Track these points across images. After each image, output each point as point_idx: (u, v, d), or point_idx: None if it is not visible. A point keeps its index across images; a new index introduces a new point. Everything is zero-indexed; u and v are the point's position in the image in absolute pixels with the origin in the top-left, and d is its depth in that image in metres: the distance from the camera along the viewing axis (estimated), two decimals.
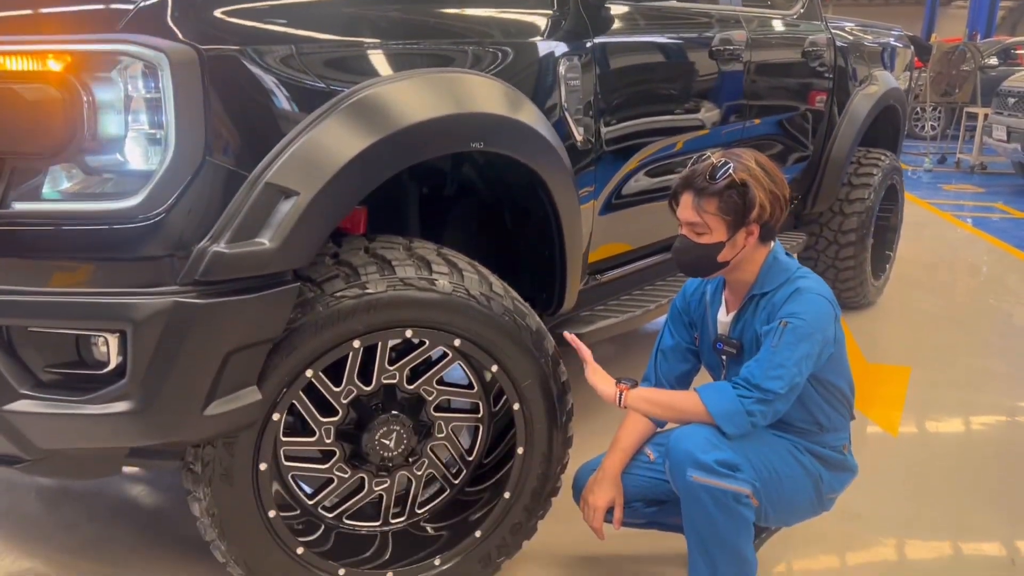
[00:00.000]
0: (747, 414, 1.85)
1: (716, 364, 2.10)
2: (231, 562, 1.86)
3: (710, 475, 1.81)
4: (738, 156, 1.93)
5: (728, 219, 1.89)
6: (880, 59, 4.52)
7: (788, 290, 1.94)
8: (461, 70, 1.97)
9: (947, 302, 4.87)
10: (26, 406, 1.54)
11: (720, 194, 1.88)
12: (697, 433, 1.86)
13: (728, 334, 2.04)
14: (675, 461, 1.86)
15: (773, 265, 2.00)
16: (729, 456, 1.83)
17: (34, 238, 1.53)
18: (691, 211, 1.92)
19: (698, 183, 1.90)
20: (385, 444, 1.95)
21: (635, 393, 1.96)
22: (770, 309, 1.94)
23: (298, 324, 1.72)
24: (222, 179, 1.55)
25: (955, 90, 10.25)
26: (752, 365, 1.87)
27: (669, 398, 2.00)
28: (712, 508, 1.83)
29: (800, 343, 1.85)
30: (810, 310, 1.89)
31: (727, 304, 2.06)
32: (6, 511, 2.46)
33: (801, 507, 2.01)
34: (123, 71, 1.50)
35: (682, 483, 1.85)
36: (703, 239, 1.92)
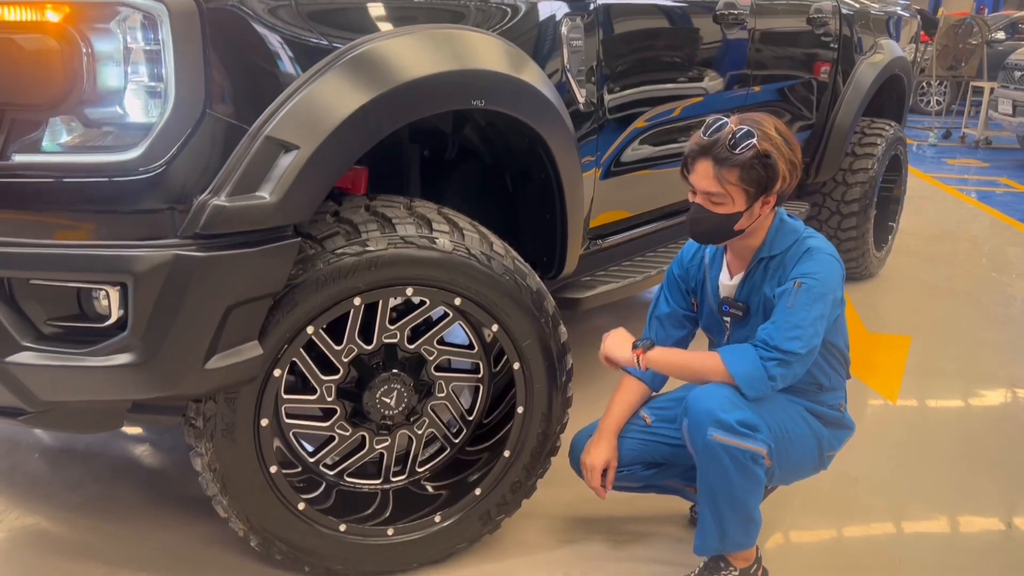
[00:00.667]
0: (768, 378, 1.84)
1: (718, 327, 2.10)
2: (233, 517, 1.87)
3: (731, 434, 1.81)
4: (758, 123, 1.86)
5: (751, 190, 1.85)
6: (886, 28, 4.48)
7: (799, 250, 1.93)
8: (462, 26, 1.96)
9: (949, 274, 4.86)
10: (28, 358, 1.55)
11: (743, 164, 1.82)
12: (718, 392, 1.84)
13: (734, 297, 2.03)
14: (695, 419, 1.84)
15: (781, 227, 1.98)
16: (749, 416, 1.83)
17: (34, 190, 1.53)
18: (712, 181, 1.85)
19: (719, 152, 1.83)
20: (386, 403, 1.96)
21: (653, 354, 1.94)
22: (781, 270, 1.93)
23: (299, 280, 1.72)
24: (222, 132, 1.55)
25: (961, 64, 10.17)
26: (769, 327, 1.86)
27: (689, 359, 1.99)
28: (729, 467, 1.83)
29: (814, 303, 1.84)
30: (822, 270, 1.88)
31: (729, 267, 2.05)
32: (10, 470, 2.48)
33: (804, 467, 2.03)
34: (122, 22, 1.49)
35: (701, 441, 1.83)
36: (721, 209, 1.87)
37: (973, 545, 2.29)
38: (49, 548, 2.12)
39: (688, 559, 2.12)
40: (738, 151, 1.82)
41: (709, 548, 1.94)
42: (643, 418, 2.10)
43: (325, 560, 1.96)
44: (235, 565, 2.05)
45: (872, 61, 4.20)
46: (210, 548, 2.11)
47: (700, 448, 1.85)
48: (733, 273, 2.04)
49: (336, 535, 1.95)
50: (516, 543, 2.18)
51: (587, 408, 2.46)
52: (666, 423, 2.07)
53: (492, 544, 2.15)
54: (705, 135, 1.87)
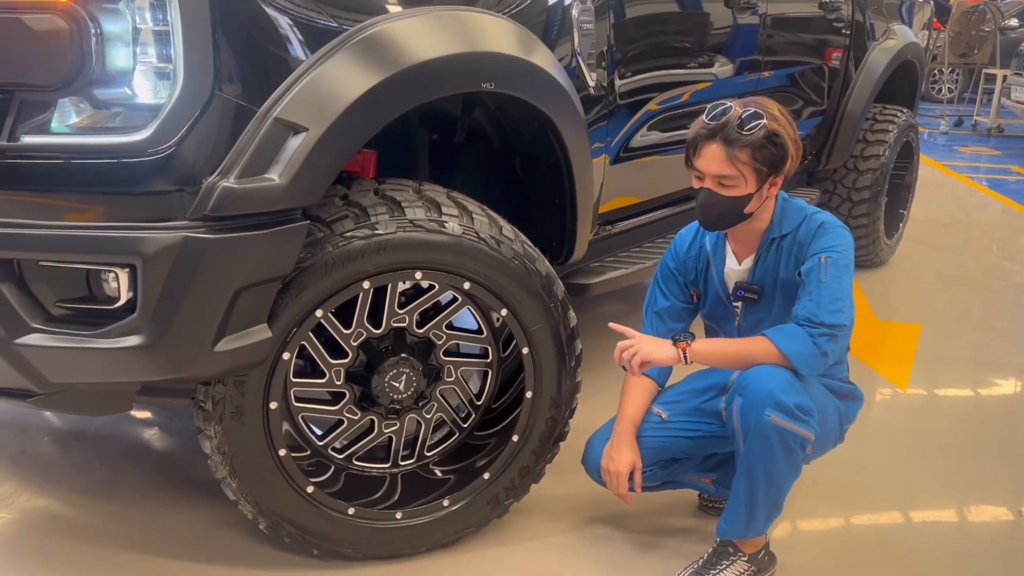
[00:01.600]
0: (822, 354, 1.84)
1: (725, 314, 2.08)
2: (242, 500, 1.88)
3: (788, 417, 1.79)
4: (762, 105, 1.88)
5: (763, 170, 1.85)
6: (898, 14, 4.44)
7: (811, 226, 1.93)
8: (473, 8, 1.94)
9: (960, 262, 4.83)
10: (38, 340, 1.55)
11: (755, 144, 1.82)
12: (778, 374, 1.83)
13: (747, 281, 2.01)
14: (754, 399, 1.81)
15: (786, 206, 1.98)
16: (806, 401, 1.82)
17: (44, 172, 1.53)
18: (723, 163, 1.84)
19: (729, 134, 1.83)
20: (394, 387, 1.95)
21: (698, 346, 1.90)
22: (796, 249, 1.93)
23: (308, 264, 1.72)
24: (231, 114, 1.54)
25: (974, 51, 10.07)
26: (808, 305, 1.85)
27: (737, 347, 1.94)
28: (778, 450, 1.82)
29: (843, 274, 1.87)
30: (842, 242, 1.90)
31: (735, 254, 2.03)
32: (20, 452, 2.49)
33: (828, 443, 2.03)
34: (131, 2, 1.48)
35: (756, 421, 1.81)
36: (732, 191, 1.87)
37: (982, 533, 2.29)
38: (59, 530, 2.13)
39: (695, 544, 2.12)
40: (748, 131, 1.82)
41: (734, 532, 1.94)
42: (657, 414, 2.07)
43: (334, 543, 1.97)
44: (244, 548, 2.06)
45: (884, 47, 4.17)
46: (219, 531, 2.12)
47: (753, 428, 1.82)
48: (741, 258, 2.03)
49: (345, 518, 1.95)
50: (524, 528, 2.18)
51: (596, 394, 2.47)
52: (682, 416, 2.05)
53: (501, 528, 2.15)
54: (710, 119, 1.86)
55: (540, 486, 2.16)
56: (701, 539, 2.15)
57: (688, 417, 2.05)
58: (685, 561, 2.03)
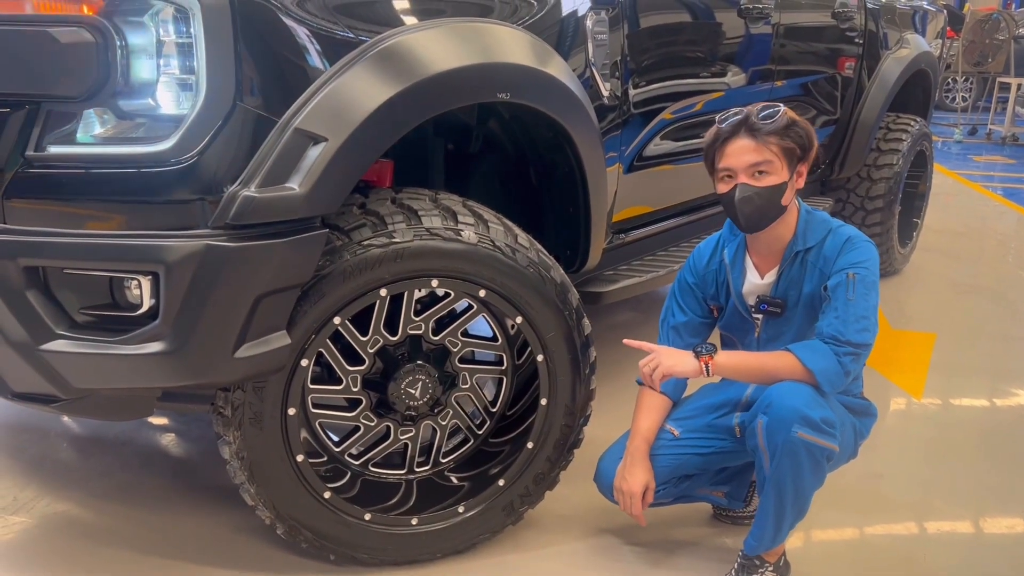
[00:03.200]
0: (844, 372, 1.84)
1: (744, 326, 2.08)
2: (260, 505, 1.90)
3: (815, 432, 1.79)
4: (772, 105, 1.91)
5: (795, 151, 1.88)
6: (912, 23, 4.44)
7: (837, 240, 1.93)
8: (489, 20, 1.97)
9: (974, 271, 4.81)
10: (62, 346, 1.58)
11: (781, 131, 1.86)
12: (802, 390, 1.82)
13: (770, 295, 2.01)
14: (780, 416, 1.81)
15: (810, 218, 1.98)
16: (830, 414, 1.83)
17: (69, 181, 1.56)
18: (753, 152, 1.87)
19: (753, 124, 1.87)
20: (410, 393, 1.97)
21: (722, 361, 1.90)
22: (822, 263, 1.93)
23: (326, 271, 1.74)
24: (252, 124, 1.57)
25: (988, 60, 10.04)
26: (834, 322, 1.85)
27: (760, 361, 1.92)
28: (805, 464, 1.82)
29: (870, 292, 1.87)
30: (869, 258, 1.90)
31: (757, 267, 2.03)
32: (41, 458, 2.52)
33: (843, 458, 2.01)
34: (155, 15, 1.52)
35: (783, 438, 1.80)
36: (767, 180, 1.88)
37: (998, 544, 2.28)
38: (79, 534, 2.16)
39: (709, 553, 2.13)
40: (774, 119, 1.86)
41: (763, 547, 1.94)
42: (670, 431, 2.06)
43: (350, 548, 1.98)
44: (262, 553, 2.08)
45: (898, 56, 4.17)
46: (237, 535, 2.14)
47: (780, 445, 1.81)
48: (763, 272, 2.02)
49: (361, 524, 1.97)
50: (539, 535, 2.19)
51: (610, 402, 2.48)
52: (695, 433, 2.05)
53: (515, 535, 2.17)
54: (727, 120, 1.90)
55: (554, 493, 2.18)
56: (715, 549, 2.16)
57: (701, 433, 2.05)
58: (699, 571, 2.03)
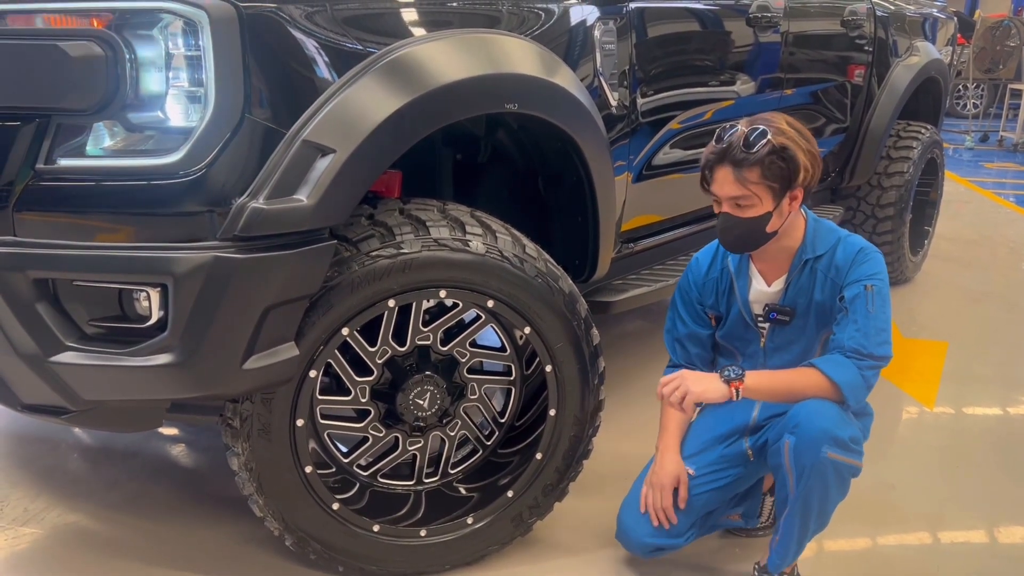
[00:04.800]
0: (867, 387, 1.85)
1: (746, 336, 2.06)
2: (268, 516, 1.90)
3: (844, 451, 1.79)
4: (768, 121, 1.87)
5: (775, 186, 1.84)
6: (921, 30, 4.43)
7: (849, 250, 1.92)
8: (496, 31, 1.97)
9: (986, 279, 4.78)
10: (71, 358, 1.58)
11: (762, 162, 1.82)
12: (828, 409, 1.82)
13: (779, 303, 2.00)
14: (809, 438, 1.79)
15: (818, 227, 1.97)
16: (856, 432, 1.83)
17: (79, 193, 1.56)
18: (733, 185, 1.85)
19: (736, 155, 1.83)
20: (419, 404, 1.97)
21: (751, 383, 1.86)
22: (834, 273, 1.92)
23: (334, 282, 1.74)
24: (260, 136, 1.57)
25: (999, 66, 10.01)
26: (855, 335, 1.84)
27: (789, 379, 1.89)
28: (833, 481, 1.81)
29: (887, 304, 1.88)
30: (882, 270, 1.91)
31: (763, 275, 2.02)
32: (51, 469, 2.53)
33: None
34: (164, 28, 1.52)
35: (812, 460, 1.79)
36: (750, 212, 1.87)
37: (1012, 554, 2.25)
38: (89, 545, 2.16)
39: (720, 565, 2.11)
40: (755, 149, 1.82)
41: (787, 563, 1.94)
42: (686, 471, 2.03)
43: (359, 560, 1.98)
44: (270, 564, 2.08)
45: (908, 64, 4.16)
46: (246, 547, 2.14)
47: (809, 466, 1.80)
48: (770, 280, 2.01)
49: (369, 535, 1.97)
50: (548, 546, 2.18)
51: (619, 412, 2.47)
52: (709, 467, 2.03)
53: (524, 547, 2.16)
54: (717, 143, 1.87)
55: (564, 504, 2.16)
56: (727, 559, 2.15)
57: (715, 467, 2.03)
58: None
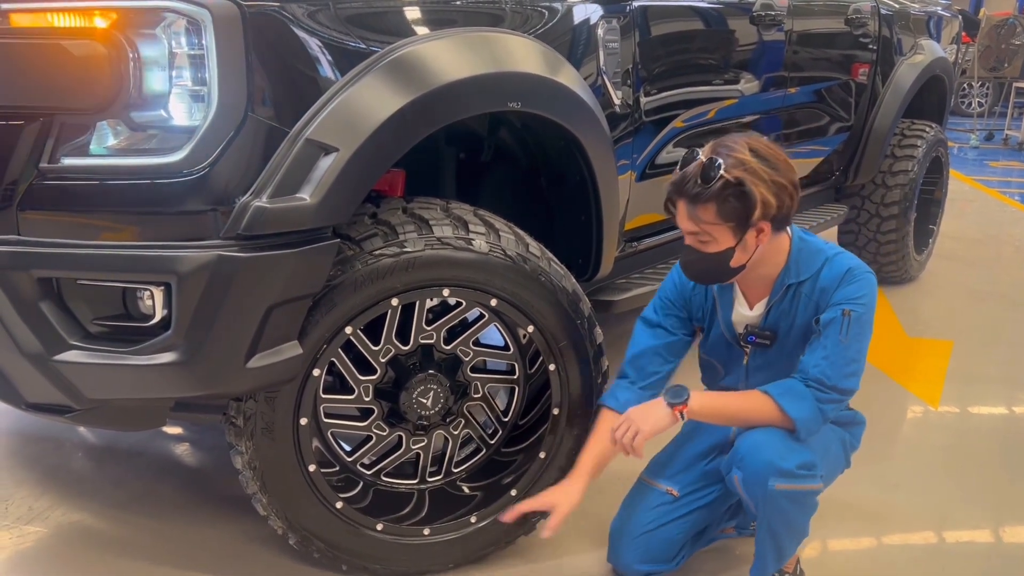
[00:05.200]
0: (824, 420, 1.79)
1: (731, 354, 2.00)
2: (272, 515, 1.90)
3: (792, 480, 1.75)
4: (729, 148, 1.72)
5: (731, 224, 1.73)
6: (926, 28, 4.42)
7: (835, 270, 1.82)
8: (499, 29, 1.97)
9: (991, 278, 4.77)
10: (75, 356, 1.59)
11: (716, 198, 1.70)
12: (772, 440, 1.76)
13: (759, 326, 1.92)
14: (754, 472, 1.76)
15: (803, 248, 1.86)
16: (807, 456, 1.77)
17: (82, 192, 1.57)
18: (688, 221, 1.76)
19: (689, 189, 1.72)
20: (422, 403, 1.97)
21: (696, 406, 1.79)
22: (818, 295, 1.82)
23: (338, 281, 1.74)
24: (263, 135, 1.57)
25: (1004, 65, 9.99)
26: (822, 363, 1.76)
27: (736, 407, 1.84)
28: (791, 508, 1.78)
29: (864, 333, 1.77)
30: (867, 293, 1.79)
31: (746, 297, 1.93)
32: (55, 468, 2.53)
33: (836, 472, 1.98)
34: (167, 28, 1.52)
35: (761, 493, 1.76)
36: (709, 247, 1.77)
37: (1017, 554, 2.25)
38: (94, 543, 2.17)
39: (724, 564, 2.11)
40: (708, 184, 1.70)
41: (768, 572, 1.91)
42: (668, 492, 1.99)
43: (362, 559, 1.98)
44: (274, 562, 2.08)
45: (912, 62, 4.15)
46: (249, 545, 2.14)
47: (760, 498, 1.78)
48: (752, 302, 1.93)
49: (373, 534, 1.97)
50: (551, 546, 2.17)
51: None
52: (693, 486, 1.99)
53: (527, 546, 2.16)
54: (678, 172, 1.77)
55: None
56: (728, 558, 2.14)
57: (698, 485, 2.00)
58: None
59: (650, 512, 1.98)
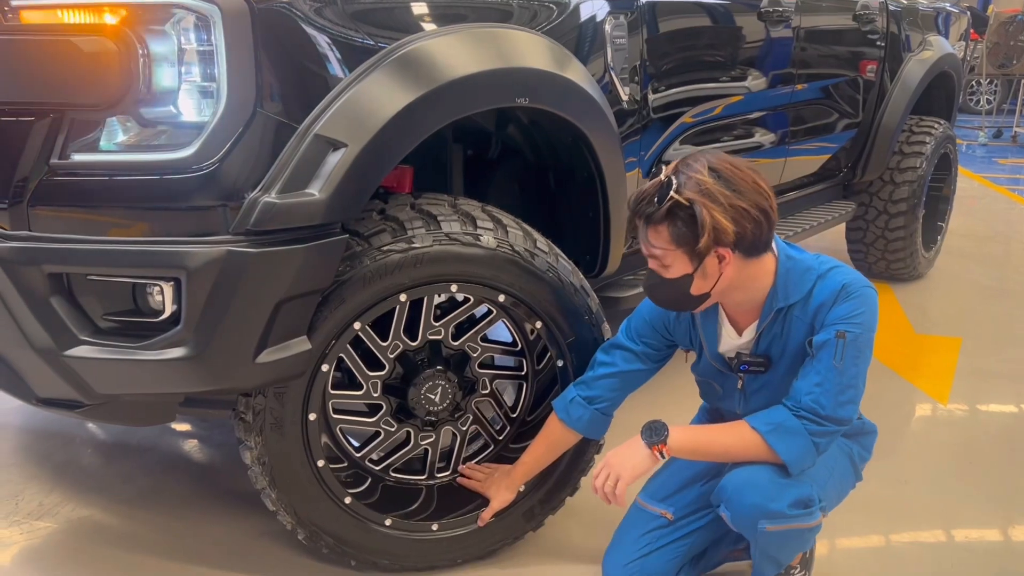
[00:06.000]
0: (817, 452, 1.68)
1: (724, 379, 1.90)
2: (281, 510, 1.90)
3: (784, 521, 1.66)
4: (688, 168, 1.63)
5: (683, 249, 1.63)
6: (934, 25, 4.40)
7: (829, 287, 1.69)
8: (507, 25, 1.97)
9: (1000, 275, 4.76)
10: (86, 351, 1.60)
11: (665, 221, 1.61)
12: (759, 479, 1.67)
13: (750, 353, 1.81)
14: (742, 516, 1.69)
15: (791, 268, 1.73)
16: (800, 492, 1.67)
17: (92, 188, 1.58)
18: (644, 243, 1.68)
19: (643, 209, 1.63)
20: (430, 399, 1.97)
21: (677, 444, 1.72)
22: (812, 315, 1.71)
23: (346, 277, 1.75)
24: (272, 131, 1.58)
25: (1012, 62, 9.95)
26: (814, 390, 1.65)
27: (722, 444, 1.73)
28: (787, 543, 1.72)
29: (862, 353, 1.66)
30: (865, 311, 1.67)
31: (733, 322, 1.82)
32: (65, 463, 2.55)
33: (846, 489, 1.92)
34: (176, 24, 1.53)
35: (752, 535, 1.69)
36: (668, 272, 1.67)
37: None
38: (103, 539, 2.18)
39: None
40: (659, 206, 1.61)
41: None
42: (662, 515, 1.92)
43: (371, 554, 1.98)
44: (283, 558, 2.09)
45: (920, 58, 4.13)
46: (258, 540, 2.15)
47: (751, 537, 1.72)
48: (742, 327, 1.81)
49: (382, 529, 1.97)
50: (560, 541, 2.18)
51: (629, 406, 2.45)
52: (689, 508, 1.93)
53: (536, 541, 2.16)
54: (636, 191, 1.70)
55: (576, 499, 2.16)
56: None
57: (695, 507, 1.93)
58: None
59: (644, 536, 1.92)
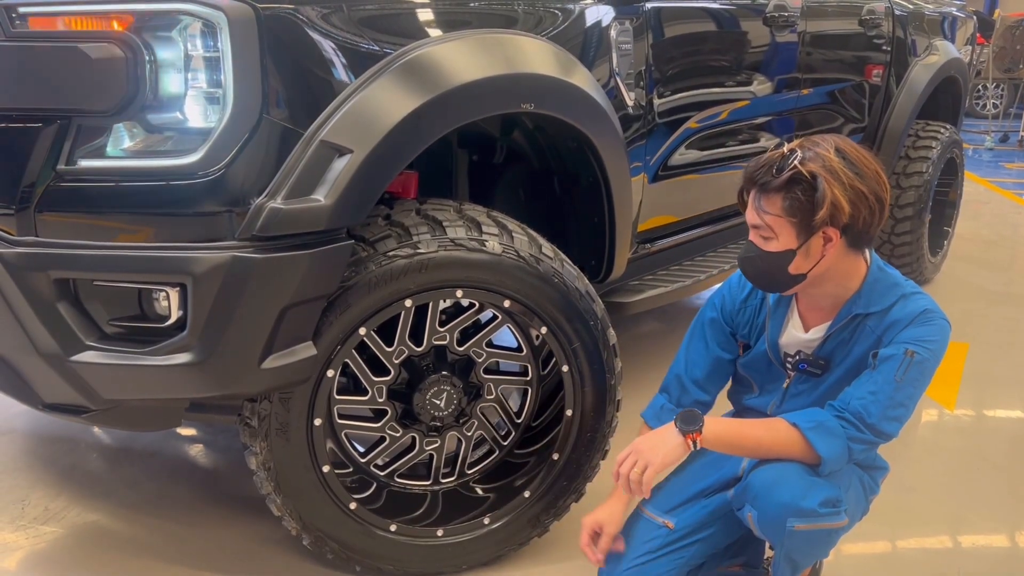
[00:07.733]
0: (849, 460, 1.65)
1: (771, 374, 1.85)
2: (286, 516, 1.90)
3: (814, 519, 1.61)
4: (814, 144, 1.62)
5: (794, 221, 1.59)
6: (940, 29, 4.40)
7: (910, 309, 1.66)
8: (512, 31, 1.97)
9: (1007, 280, 4.74)
10: (92, 357, 1.60)
11: (782, 190, 1.58)
12: (788, 476, 1.62)
13: (812, 353, 1.77)
14: (771, 515, 1.63)
15: (880, 279, 1.70)
16: (829, 493, 1.62)
17: (99, 194, 1.58)
18: (753, 212, 1.64)
19: (761, 177, 1.61)
20: (435, 404, 1.97)
21: (711, 435, 1.63)
22: (883, 330, 1.67)
23: (352, 282, 1.75)
24: (278, 136, 1.58)
25: (1019, 66, 9.93)
26: (866, 397, 1.62)
27: (757, 439, 1.67)
28: (813, 544, 1.67)
29: (923, 379, 1.63)
30: (939, 339, 1.64)
31: (803, 318, 1.78)
32: (70, 468, 2.55)
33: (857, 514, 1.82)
34: (183, 30, 1.54)
35: (780, 533, 1.63)
36: (770, 245, 1.64)
37: None
38: (108, 544, 2.18)
39: None
40: (779, 174, 1.58)
41: None
42: (664, 525, 1.83)
43: (375, 560, 1.98)
44: (288, 563, 2.09)
45: (926, 63, 4.13)
46: (263, 546, 2.15)
47: (778, 539, 1.66)
48: (810, 325, 1.77)
49: (387, 535, 1.97)
50: (565, 547, 2.17)
51: (636, 412, 2.45)
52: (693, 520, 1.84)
53: (541, 547, 2.15)
54: (753, 161, 1.67)
55: (581, 505, 2.16)
56: None
57: (699, 520, 1.85)
58: None
59: (643, 546, 1.83)
